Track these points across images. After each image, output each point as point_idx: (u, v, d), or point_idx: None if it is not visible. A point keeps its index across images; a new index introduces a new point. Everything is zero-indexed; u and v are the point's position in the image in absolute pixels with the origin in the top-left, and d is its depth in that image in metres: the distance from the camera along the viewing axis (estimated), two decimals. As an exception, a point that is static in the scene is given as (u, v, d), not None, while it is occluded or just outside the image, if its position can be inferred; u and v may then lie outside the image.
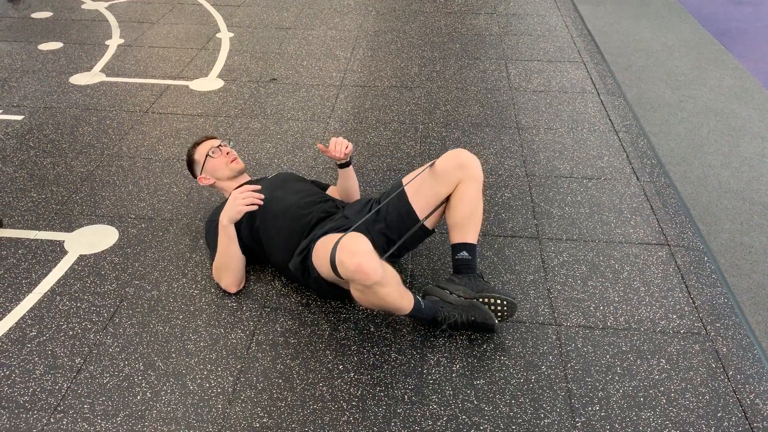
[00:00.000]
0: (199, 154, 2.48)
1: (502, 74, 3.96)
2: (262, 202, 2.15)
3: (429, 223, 2.20)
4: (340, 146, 2.29)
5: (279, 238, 2.20)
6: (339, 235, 1.95)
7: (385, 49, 4.33)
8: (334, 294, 2.17)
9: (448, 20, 4.85)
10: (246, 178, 2.50)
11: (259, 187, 2.19)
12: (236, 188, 2.23)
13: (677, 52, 4.37)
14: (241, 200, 2.11)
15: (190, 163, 2.52)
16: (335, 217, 2.23)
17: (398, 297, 1.92)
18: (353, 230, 1.93)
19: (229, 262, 2.20)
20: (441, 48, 4.34)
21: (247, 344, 2.05)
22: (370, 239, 1.89)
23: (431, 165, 2.17)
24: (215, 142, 2.50)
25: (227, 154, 2.46)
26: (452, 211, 2.15)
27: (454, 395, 1.89)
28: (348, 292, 2.08)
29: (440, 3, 5.22)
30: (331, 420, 1.81)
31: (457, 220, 2.14)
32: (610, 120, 3.46)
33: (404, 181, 2.22)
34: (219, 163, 2.44)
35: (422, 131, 3.32)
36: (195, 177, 2.52)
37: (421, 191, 2.16)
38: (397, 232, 2.15)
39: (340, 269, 1.82)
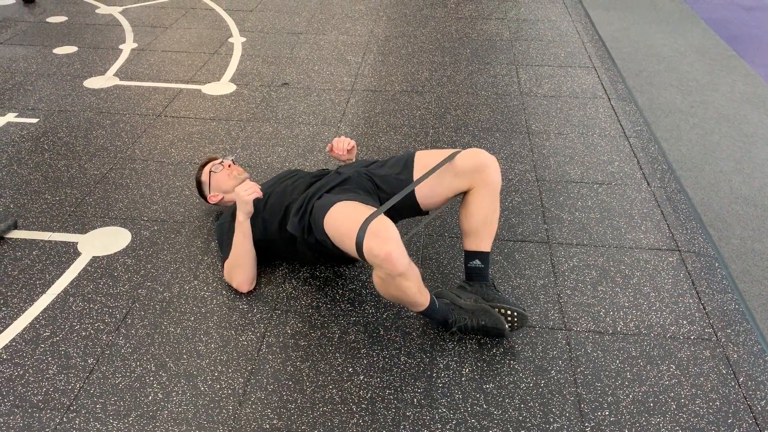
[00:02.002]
0: (204, 174, 2.55)
1: (512, 79, 3.97)
2: (260, 191, 2.21)
3: (426, 206, 2.22)
4: (341, 144, 2.34)
5: (278, 215, 2.23)
6: (360, 207, 1.94)
7: (396, 54, 4.35)
8: (335, 257, 2.15)
9: (459, 25, 4.86)
10: None
11: (257, 185, 2.25)
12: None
13: (688, 57, 4.36)
14: (244, 192, 2.17)
15: (199, 186, 2.58)
16: (328, 175, 2.26)
17: (417, 292, 1.93)
18: (375, 215, 1.89)
19: (242, 260, 2.23)
20: (452, 53, 4.35)
21: (258, 346, 2.06)
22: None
23: (451, 158, 2.15)
24: (216, 160, 2.57)
25: (228, 166, 2.53)
26: (467, 217, 2.15)
27: (464, 399, 1.89)
28: (350, 259, 2.08)
29: (451, 8, 5.23)
30: (341, 422, 1.82)
31: (472, 227, 2.14)
32: (620, 125, 3.46)
33: (418, 156, 2.23)
34: (222, 176, 2.50)
35: (432, 136, 3.33)
36: (206, 199, 2.57)
37: (431, 179, 2.16)
38: (389, 198, 2.17)
39: (367, 255, 1.81)
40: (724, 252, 2.53)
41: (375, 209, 1.94)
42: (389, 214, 2.19)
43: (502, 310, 2.05)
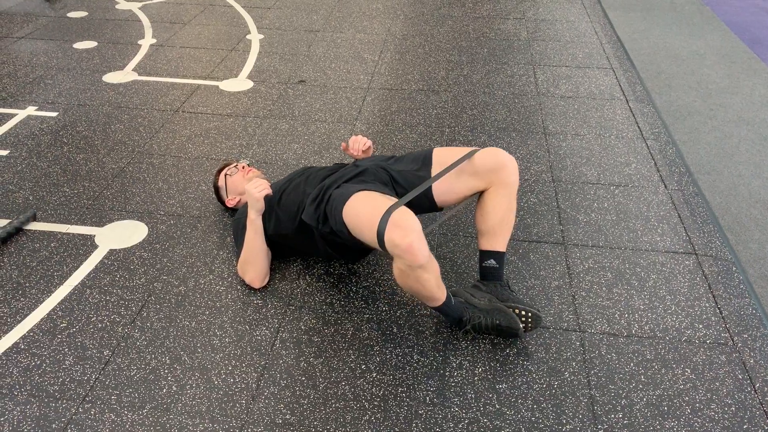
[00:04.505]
0: (221, 179, 2.59)
1: (529, 79, 3.95)
2: (270, 188, 2.23)
3: (442, 203, 2.22)
4: (357, 144, 2.34)
5: (293, 208, 2.23)
6: (379, 197, 1.94)
7: (413, 52, 4.34)
8: (346, 250, 2.13)
9: (477, 25, 4.85)
10: None
11: (268, 182, 2.26)
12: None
13: (708, 60, 4.32)
14: (254, 190, 2.19)
15: (217, 191, 2.62)
16: (345, 167, 2.27)
17: (436, 286, 1.93)
18: (396, 206, 1.88)
19: (254, 257, 2.24)
20: (469, 52, 4.34)
21: (272, 341, 2.07)
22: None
23: (470, 156, 2.15)
24: (232, 164, 2.61)
25: (242, 168, 2.56)
26: (483, 216, 2.14)
27: (476, 398, 1.89)
28: (367, 250, 2.07)
29: (469, 7, 5.22)
30: (353, 419, 1.82)
31: (488, 227, 2.13)
32: (638, 127, 3.43)
33: (436, 153, 2.23)
34: (237, 179, 2.54)
35: (448, 135, 3.32)
36: (224, 204, 2.61)
37: (449, 176, 2.16)
38: (404, 193, 2.17)
39: (388, 245, 1.81)
40: (742, 256, 2.51)
41: (394, 200, 1.94)
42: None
43: (517, 311, 2.04)
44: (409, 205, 2.14)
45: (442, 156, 2.21)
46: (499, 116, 3.51)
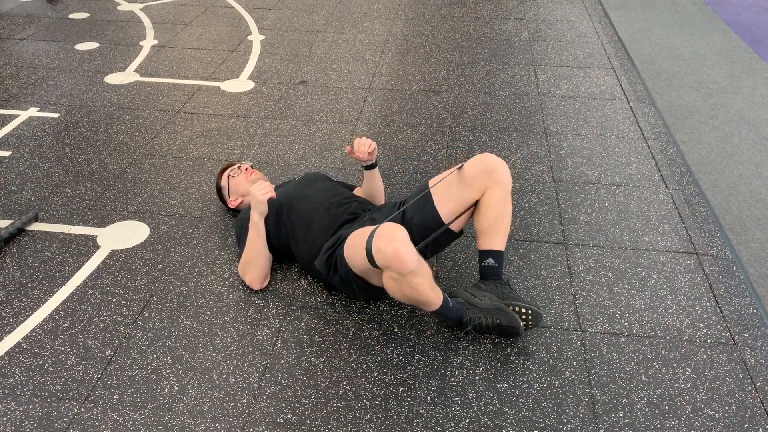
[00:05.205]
0: (223, 180, 2.60)
1: (530, 79, 3.95)
2: (274, 192, 2.22)
3: (456, 226, 2.21)
4: (363, 146, 2.32)
5: (306, 236, 2.24)
6: (374, 227, 1.97)
7: (414, 53, 4.35)
8: (360, 291, 2.16)
9: (477, 25, 4.85)
10: None
11: (272, 185, 2.25)
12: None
13: (709, 59, 4.32)
14: (258, 192, 2.19)
15: (219, 192, 2.63)
16: (362, 218, 2.26)
17: (430, 290, 1.94)
18: (382, 223, 1.93)
19: (255, 258, 2.24)
20: (469, 53, 4.35)
21: (273, 341, 2.08)
22: None
23: (459, 168, 2.18)
24: (234, 165, 2.62)
25: (245, 170, 2.56)
26: (479, 217, 2.15)
27: (477, 398, 1.90)
28: (377, 289, 2.09)
29: (469, 8, 5.22)
30: (354, 418, 1.83)
31: (484, 227, 2.14)
32: (639, 127, 3.43)
33: (431, 183, 2.23)
34: (240, 180, 2.55)
35: (449, 135, 3.33)
36: (226, 204, 2.62)
37: (447, 195, 2.17)
38: (422, 236, 2.16)
39: (377, 256, 1.83)
40: (743, 255, 2.51)
41: None
42: (426, 251, 2.20)
43: (517, 308, 2.05)
44: (426, 236, 2.15)
45: (438, 189, 2.21)
46: (500, 116, 3.52)
